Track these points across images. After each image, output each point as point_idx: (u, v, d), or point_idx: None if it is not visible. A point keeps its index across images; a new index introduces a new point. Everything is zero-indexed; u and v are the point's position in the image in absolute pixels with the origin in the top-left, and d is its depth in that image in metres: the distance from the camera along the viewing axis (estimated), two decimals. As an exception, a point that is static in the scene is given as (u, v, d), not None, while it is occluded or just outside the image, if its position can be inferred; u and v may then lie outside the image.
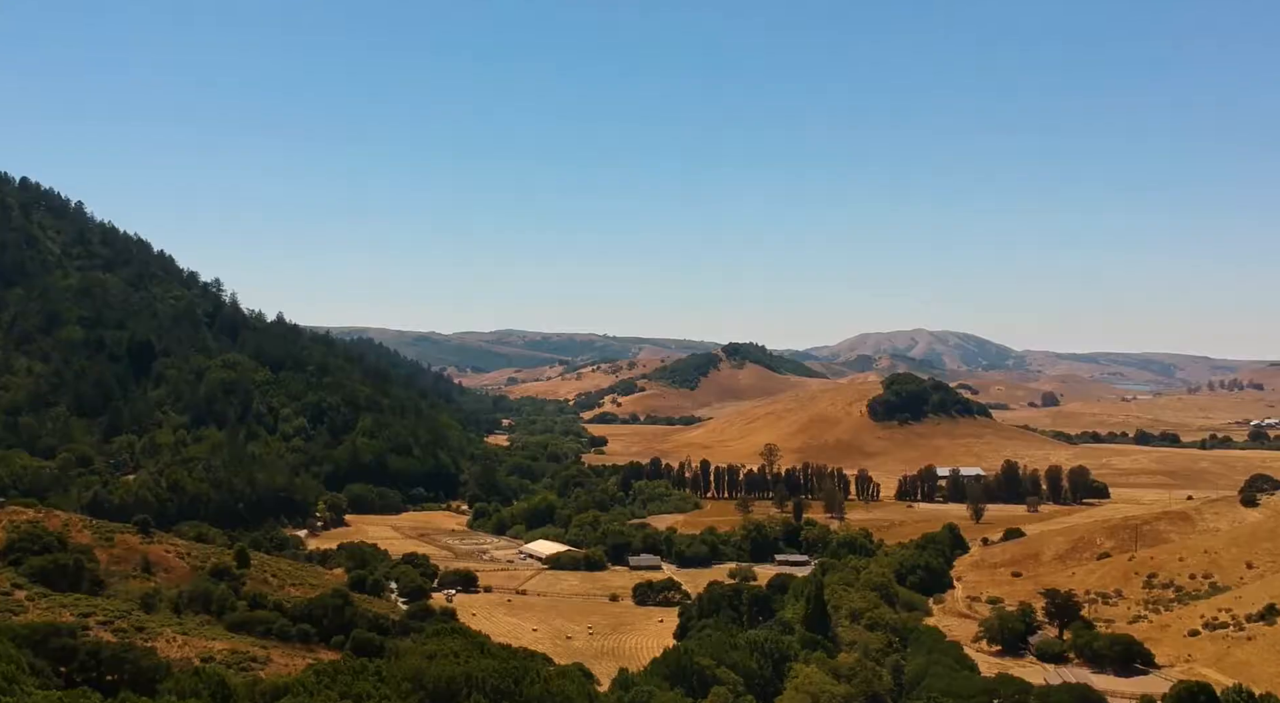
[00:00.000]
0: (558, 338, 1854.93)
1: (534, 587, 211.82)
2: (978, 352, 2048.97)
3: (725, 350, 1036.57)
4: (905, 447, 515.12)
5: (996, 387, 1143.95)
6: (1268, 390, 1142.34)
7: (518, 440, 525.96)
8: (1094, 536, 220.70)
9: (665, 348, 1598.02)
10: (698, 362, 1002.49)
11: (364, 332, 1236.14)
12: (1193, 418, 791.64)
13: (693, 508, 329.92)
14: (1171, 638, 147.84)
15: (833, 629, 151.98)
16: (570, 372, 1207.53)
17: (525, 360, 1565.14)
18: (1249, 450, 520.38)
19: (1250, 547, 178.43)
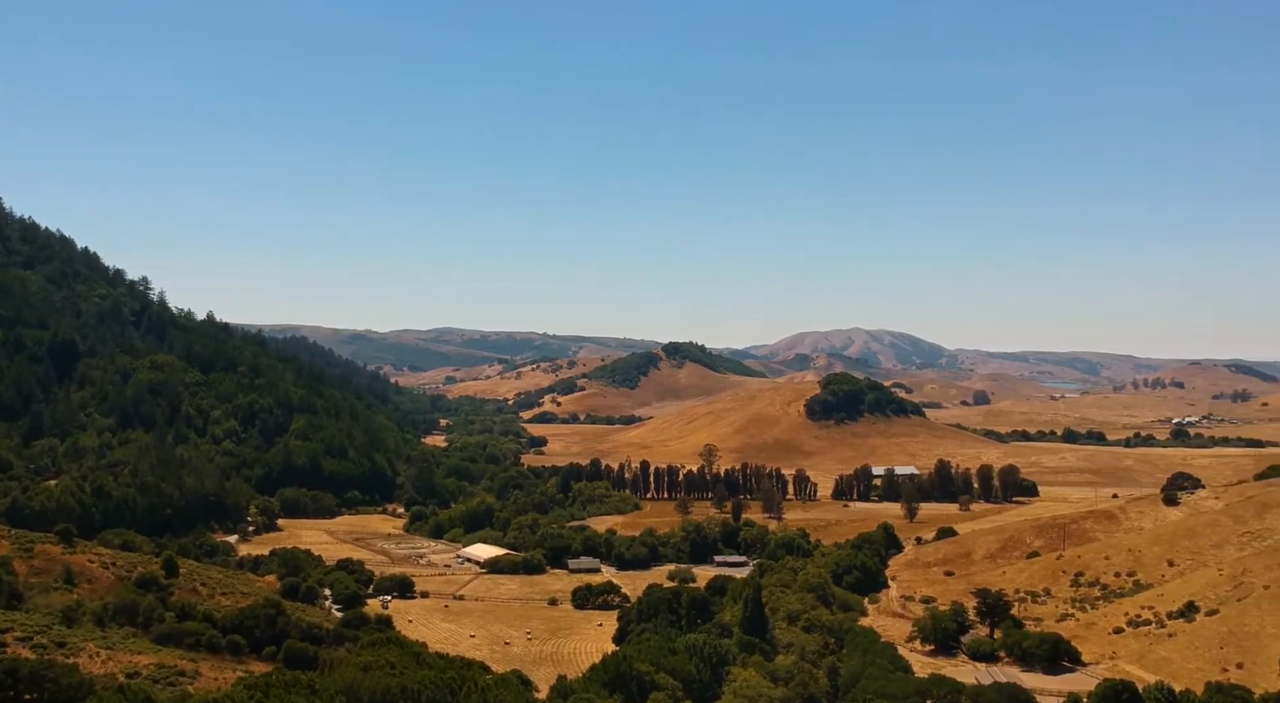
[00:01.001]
0: (497, 336, 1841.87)
1: (472, 591, 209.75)
2: (912, 351, 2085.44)
3: (665, 350, 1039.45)
4: (842, 446, 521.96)
5: (930, 385, 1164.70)
6: (1188, 389, 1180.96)
7: (456, 441, 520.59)
8: (1023, 535, 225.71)
9: (606, 347, 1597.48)
10: (638, 361, 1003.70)
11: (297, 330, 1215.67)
12: (1118, 416, 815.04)
13: (633, 509, 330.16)
14: (1097, 636, 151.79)
15: (770, 631, 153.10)
16: (510, 371, 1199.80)
17: (464, 359, 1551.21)
18: (1171, 449, 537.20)
19: (1172, 545, 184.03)
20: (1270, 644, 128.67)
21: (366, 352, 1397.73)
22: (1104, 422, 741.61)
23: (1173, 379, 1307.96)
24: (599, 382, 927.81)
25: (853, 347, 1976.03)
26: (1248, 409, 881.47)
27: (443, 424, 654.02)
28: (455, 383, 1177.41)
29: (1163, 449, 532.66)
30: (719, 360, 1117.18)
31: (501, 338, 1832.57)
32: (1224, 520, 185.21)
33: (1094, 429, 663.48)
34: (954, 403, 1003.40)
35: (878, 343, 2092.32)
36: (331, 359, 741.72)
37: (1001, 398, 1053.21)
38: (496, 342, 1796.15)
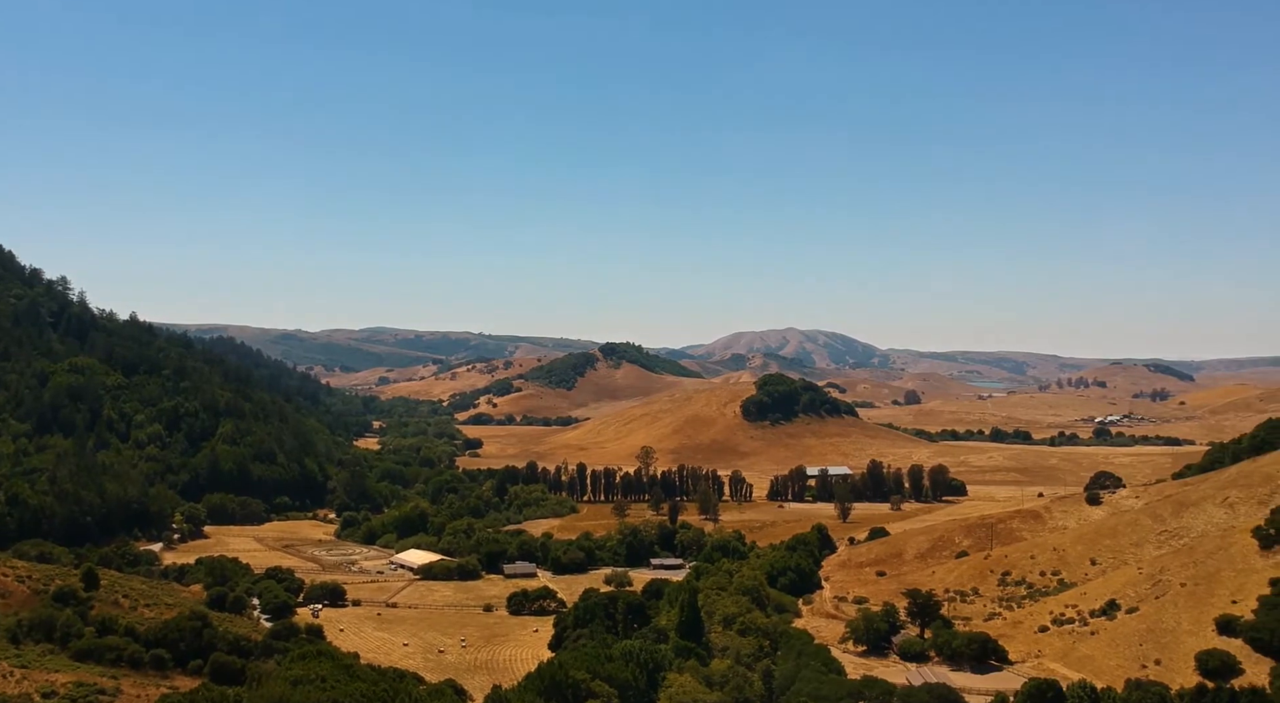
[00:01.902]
0: (431, 336, 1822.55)
1: (405, 599, 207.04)
2: (845, 350, 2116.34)
3: (602, 350, 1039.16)
4: (777, 446, 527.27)
5: (863, 385, 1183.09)
6: (1110, 388, 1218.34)
7: (389, 444, 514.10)
8: (953, 534, 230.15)
9: (542, 347, 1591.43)
10: (575, 361, 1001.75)
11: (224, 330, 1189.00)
12: (1043, 415, 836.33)
13: (569, 512, 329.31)
14: (1023, 634, 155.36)
15: (706, 635, 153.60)
16: (444, 371, 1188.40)
17: (397, 359, 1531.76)
18: (1093, 447, 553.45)
19: (1094, 544, 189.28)
20: (1186, 641, 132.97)
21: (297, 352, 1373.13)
22: (1030, 421, 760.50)
23: (1095, 379, 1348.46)
24: (535, 383, 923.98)
25: (788, 347, 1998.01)
26: (1165, 408, 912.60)
27: (376, 426, 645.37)
28: (389, 384, 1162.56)
29: (1086, 448, 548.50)
30: (656, 361, 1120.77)
31: (436, 338, 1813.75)
32: (1144, 520, 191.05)
33: (1020, 428, 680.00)
34: (886, 402, 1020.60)
35: (812, 343, 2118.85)
36: (260, 360, 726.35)
37: (932, 397, 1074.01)
38: (431, 341, 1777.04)
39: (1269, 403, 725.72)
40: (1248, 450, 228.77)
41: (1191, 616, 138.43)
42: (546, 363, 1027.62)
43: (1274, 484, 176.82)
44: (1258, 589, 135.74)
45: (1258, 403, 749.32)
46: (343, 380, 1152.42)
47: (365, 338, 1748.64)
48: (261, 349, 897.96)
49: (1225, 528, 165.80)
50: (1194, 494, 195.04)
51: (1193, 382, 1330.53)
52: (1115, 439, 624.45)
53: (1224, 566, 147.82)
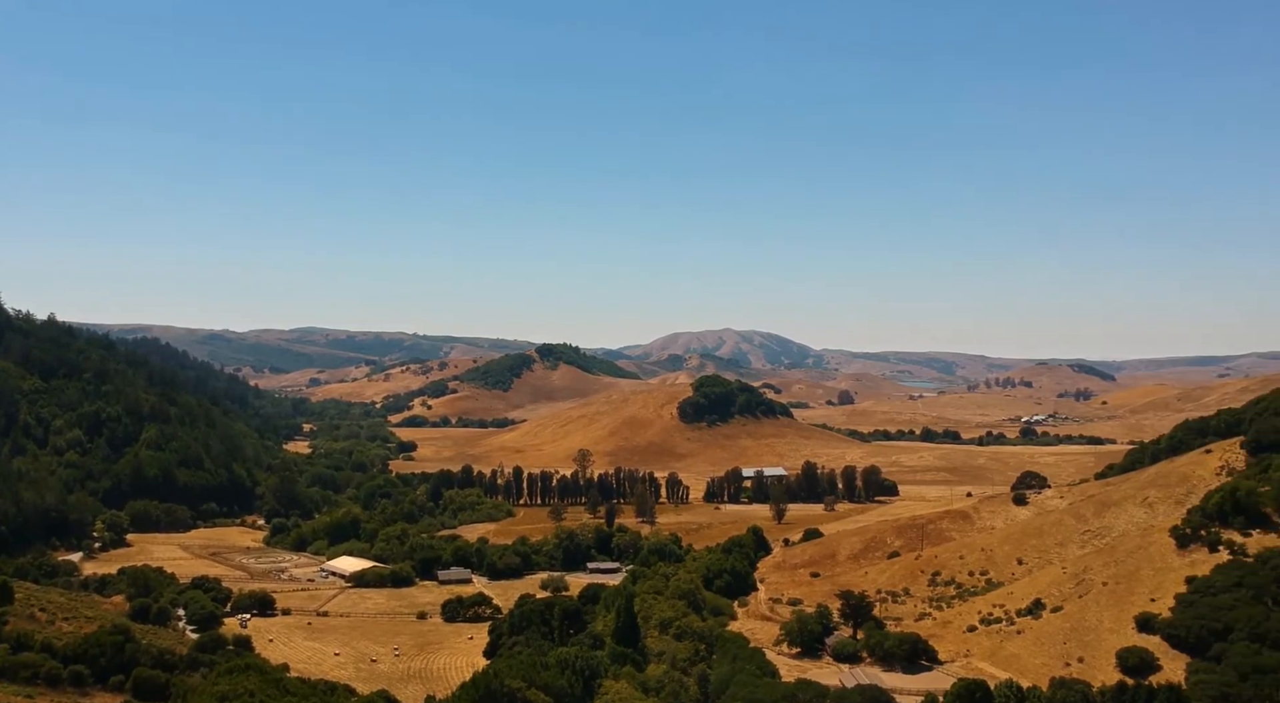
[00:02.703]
0: (364, 336, 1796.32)
1: (337, 607, 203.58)
2: (781, 351, 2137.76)
3: (539, 351, 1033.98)
4: (713, 447, 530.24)
5: (798, 385, 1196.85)
6: (1036, 388, 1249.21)
7: (320, 448, 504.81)
8: (884, 535, 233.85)
9: (478, 347, 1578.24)
10: (511, 362, 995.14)
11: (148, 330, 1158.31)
12: (972, 415, 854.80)
13: (505, 516, 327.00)
14: (953, 634, 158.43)
15: (643, 640, 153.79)
16: (378, 372, 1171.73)
17: (329, 360, 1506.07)
18: (1020, 447, 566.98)
19: (1020, 544, 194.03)
20: (1108, 638, 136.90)
21: (224, 353, 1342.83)
22: (959, 421, 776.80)
23: (1022, 378, 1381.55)
24: (471, 384, 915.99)
25: (724, 347, 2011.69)
26: (1089, 408, 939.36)
27: (306, 429, 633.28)
28: (320, 385, 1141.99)
29: (1013, 448, 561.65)
30: (593, 362, 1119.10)
31: (369, 338, 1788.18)
32: (1068, 520, 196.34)
33: (950, 428, 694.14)
34: (820, 403, 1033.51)
35: (748, 343, 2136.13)
36: (186, 361, 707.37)
37: (865, 397, 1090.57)
38: (364, 342, 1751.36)
39: (1185, 403, 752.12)
40: (1165, 451, 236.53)
41: (1113, 614, 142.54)
42: (482, 364, 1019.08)
43: (1190, 485, 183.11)
44: (1175, 587, 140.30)
45: (1175, 403, 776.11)
46: (272, 382, 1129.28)
47: (296, 338, 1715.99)
48: (188, 350, 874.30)
49: (1145, 527, 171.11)
50: (1115, 494, 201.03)
51: (1114, 382, 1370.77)
52: (1041, 439, 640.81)
53: (1143, 564, 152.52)
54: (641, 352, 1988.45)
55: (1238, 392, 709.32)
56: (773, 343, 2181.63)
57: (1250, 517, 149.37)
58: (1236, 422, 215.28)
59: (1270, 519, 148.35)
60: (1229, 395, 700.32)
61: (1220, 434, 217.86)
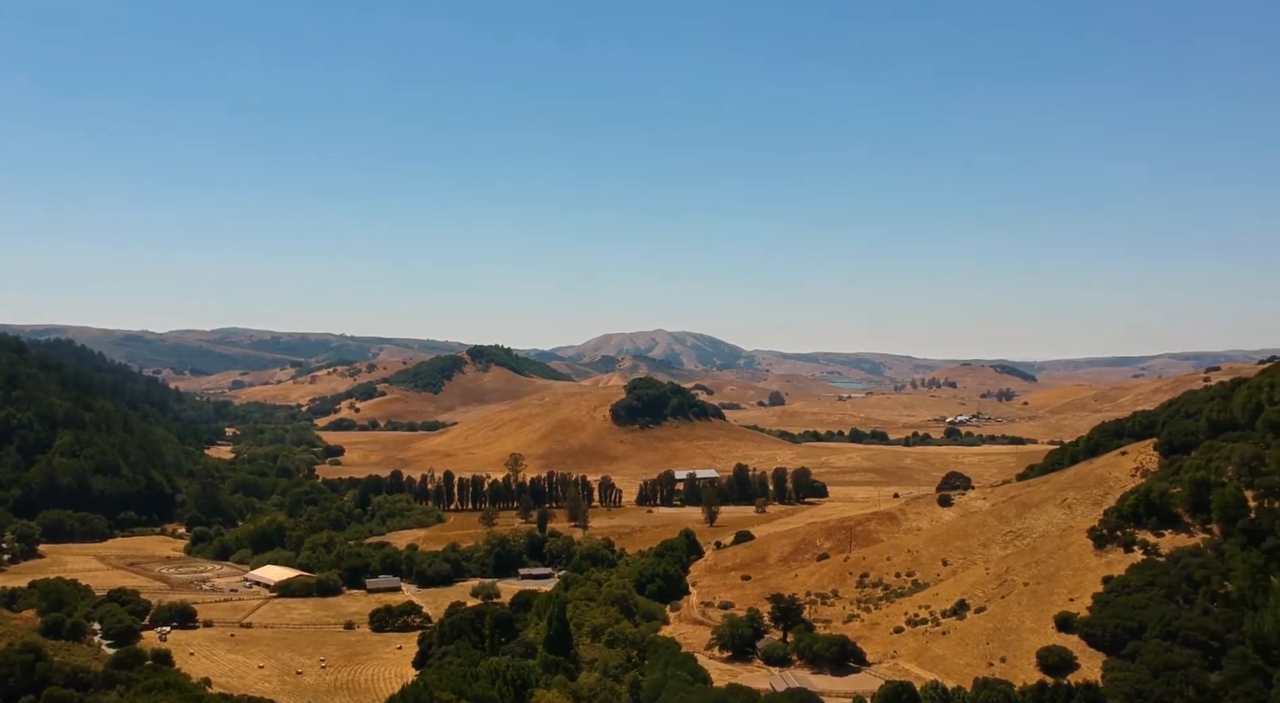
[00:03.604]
0: (289, 337, 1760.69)
1: (261, 618, 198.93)
2: (713, 352, 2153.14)
3: (471, 353, 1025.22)
4: (646, 450, 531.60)
5: (730, 386, 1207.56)
6: (960, 388, 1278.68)
7: (244, 452, 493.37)
8: (814, 537, 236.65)
9: (408, 349, 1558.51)
10: (442, 364, 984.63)
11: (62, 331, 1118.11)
12: (898, 415, 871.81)
13: (435, 522, 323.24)
14: (880, 635, 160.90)
15: (575, 648, 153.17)
16: (303, 374, 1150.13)
17: (253, 362, 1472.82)
18: (945, 447, 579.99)
19: (945, 545, 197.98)
20: (1029, 638, 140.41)
21: (143, 354, 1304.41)
22: (886, 421, 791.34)
23: (946, 379, 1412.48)
24: (400, 386, 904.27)
25: (657, 348, 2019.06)
26: (1010, 408, 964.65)
27: (229, 434, 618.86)
28: (243, 387, 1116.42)
29: (938, 448, 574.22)
30: (526, 363, 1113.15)
31: (294, 339, 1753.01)
32: (991, 521, 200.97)
33: (878, 429, 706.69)
34: (752, 404, 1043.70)
35: (681, 345, 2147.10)
36: (103, 364, 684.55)
37: (795, 398, 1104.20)
38: (289, 343, 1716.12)
39: (1102, 403, 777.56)
40: (1084, 452, 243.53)
41: (1034, 614, 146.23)
42: (412, 366, 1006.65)
43: (1106, 486, 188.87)
44: (1093, 587, 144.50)
45: (1093, 403, 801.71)
46: (194, 384, 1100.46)
47: (218, 339, 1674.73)
48: (104, 352, 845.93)
49: (1064, 528, 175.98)
50: (1036, 496, 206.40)
51: (1035, 382, 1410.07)
52: (965, 439, 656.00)
53: (1063, 565, 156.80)
54: (574, 353, 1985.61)
55: (1151, 392, 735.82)
56: (705, 344, 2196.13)
57: (1163, 517, 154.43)
58: (1150, 424, 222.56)
59: (1181, 520, 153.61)
60: (1143, 396, 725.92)
61: (1135, 436, 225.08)
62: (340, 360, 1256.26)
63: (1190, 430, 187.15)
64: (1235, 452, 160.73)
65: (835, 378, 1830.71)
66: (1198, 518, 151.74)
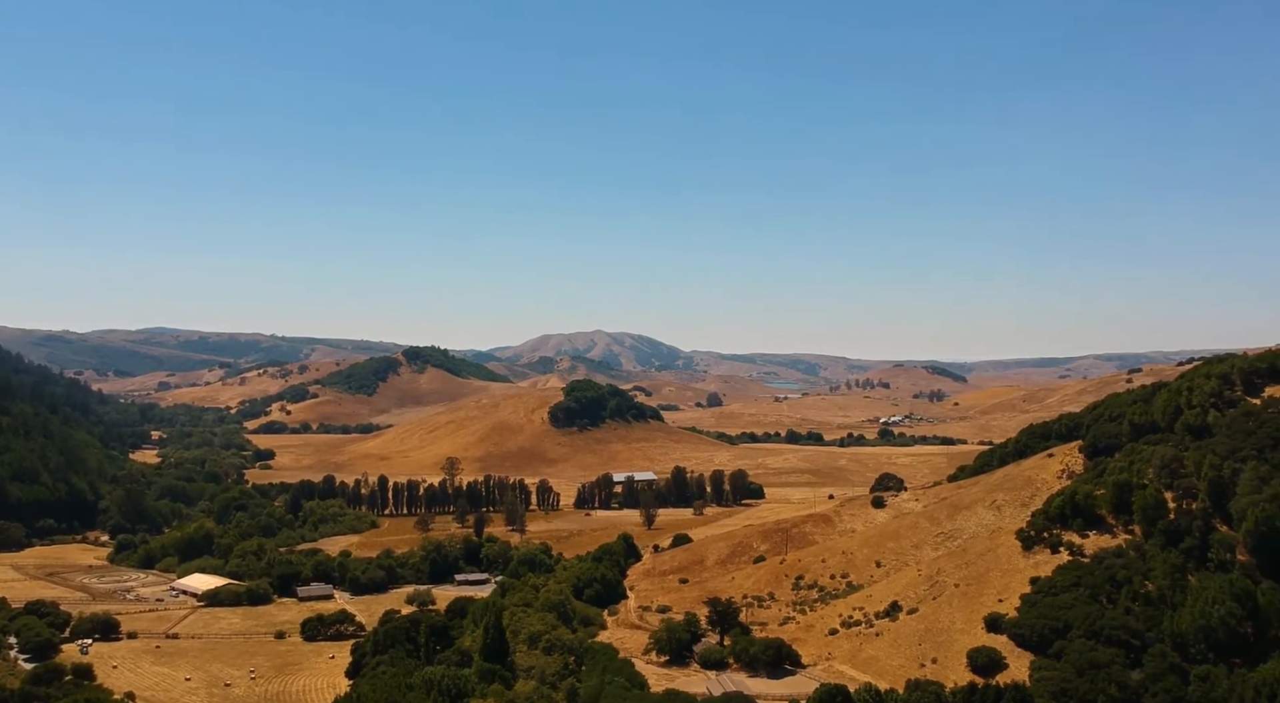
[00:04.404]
0: (218, 337, 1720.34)
1: (188, 628, 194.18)
2: (651, 352, 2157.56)
3: (406, 354, 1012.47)
4: (585, 452, 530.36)
5: (668, 388, 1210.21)
6: (893, 389, 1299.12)
7: (170, 457, 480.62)
8: (751, 539, 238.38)
9: (341, 350, 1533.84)
10: (376, 366, 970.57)
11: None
12: (834, 416, 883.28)
13: (369, 528, 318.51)
14: (815, 637, 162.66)
15: (511, 655, 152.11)
16: (233, 375, 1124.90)
17: (179, 363, 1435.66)
18: (878, 448, 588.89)
19: (879, 547, 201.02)
20: (959, 639, 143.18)
21: (64, 355, 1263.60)
22: (822, 422, 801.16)
23: (880, 380, 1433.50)
24: (334, 388, 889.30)
25: (596, 349, 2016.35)
26: (942, 409, 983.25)
27: (155, 437, 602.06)
28: (170, 389, 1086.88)
29: (871, 449, 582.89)
30: (462, 365, 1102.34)
31: (223, 339, 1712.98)
32: (923, 522, 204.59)
33: (814, 429, 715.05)
34: (690, 405, 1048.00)
35: (619, 345, 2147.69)
36: (20, 365, 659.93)
37: (733, 399, 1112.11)
38: (218, 343, 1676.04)
39: (1030, 404, 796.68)
40: (1012, 454, 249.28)
41: (964, 615, 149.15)
42: (346, 367, 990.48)
43: (1034, 488, 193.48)
44: (1020, 588, 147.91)
45: (1021, 404, 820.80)
46: (118, 386, 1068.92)
47: (143, 340, 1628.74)
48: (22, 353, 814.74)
49: (993, 530, 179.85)
50: (966, 497, 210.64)
51: (966, 382, 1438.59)
52: (898, 439, 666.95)
53: (992, 566, 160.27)
54: (512, 354, 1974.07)
55: (1077, 393, 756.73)
56: (643, 345, 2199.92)
57: (1088, 519, 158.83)
58: (1076, 426, 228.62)
59: (1105, 521, 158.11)
60: (1069, 396, 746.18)
61: (1061, 438, 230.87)
62: (271, 361, 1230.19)
63: (1114, 433, 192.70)
64: (1156, 454, 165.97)
65: (772, 379, 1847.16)
66: (1121, 519, 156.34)
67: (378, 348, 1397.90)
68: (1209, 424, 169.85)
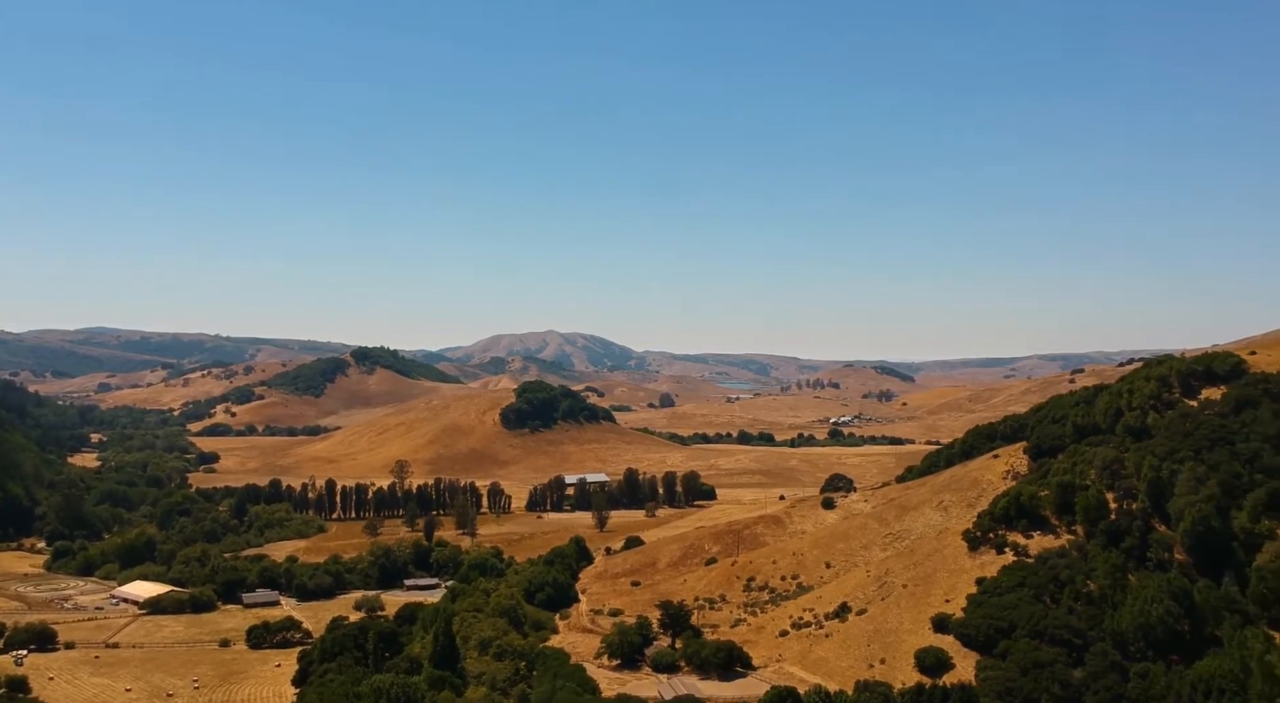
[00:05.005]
0: (160, 338, 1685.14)
1: (129, 638, 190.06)
2: (604, 353, 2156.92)
3: (355, 355, 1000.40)
4: (537, 454, 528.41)
5: (620, 388, 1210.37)
6: (843, 389, 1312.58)
7: (111, 460, 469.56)
8: (703, 541, 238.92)
9: (288, 350, 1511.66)
10: (324, 366, 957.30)
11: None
12: (784, 416, 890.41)
13: (317, 532, 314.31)
14: (766, 639, 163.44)
15: (462, 662, 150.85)
16: (176, 377, 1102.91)
17: (120, 364, 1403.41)
18: (828, 448, 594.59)
19: (829, 548, 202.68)
20: (907, 639, 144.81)
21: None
22: (773, 422, 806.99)
23: (830, 380, 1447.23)
24: (280, 389, 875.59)
25: (548, 349, 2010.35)
26: (890, 409, 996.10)
27: (95, 440, 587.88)
28: (110, 391, 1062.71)
29: (822, 449, 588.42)
30: (412, 365, 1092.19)
31: (166, 339, 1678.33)
32: (871, 523, 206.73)
33: (765, 430, 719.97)
34: (642, 405, 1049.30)
35: (571, 346, 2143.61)
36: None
37: (685, 400, 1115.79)
38: (160, 343, 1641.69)
39: (976, 404, 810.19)
40: (959, 455, 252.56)
41: (912, 615, 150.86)
42: (292, 368, 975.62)
43: (980, 489, 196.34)
44: (967, 588, 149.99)
45: (967, 404, 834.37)
46: (55, 387, 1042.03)
47: (82, 340, 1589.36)
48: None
49: (940, 530, 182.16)
50: (914, 498, 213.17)
51: (914, 382, 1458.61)
52: (847, 439, 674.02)
53: (939, 567, 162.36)
54: (463, 354, 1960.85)
55: (1021, 393, 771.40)
56: (596, 345, 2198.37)
57: (1032, 519, 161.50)
58: (1021, 427, 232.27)
59: (1049, 522, 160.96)
60: (1014, 396, 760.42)
61: (1006, 439, 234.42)
62: (215, 362, 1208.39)
63: (1057, 435, 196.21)
64: (1097, 456, 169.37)
65: (724, 379, 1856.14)
66: (1064, 520, 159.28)
67: (325, 348, 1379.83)
68: (1148, 426, 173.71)
